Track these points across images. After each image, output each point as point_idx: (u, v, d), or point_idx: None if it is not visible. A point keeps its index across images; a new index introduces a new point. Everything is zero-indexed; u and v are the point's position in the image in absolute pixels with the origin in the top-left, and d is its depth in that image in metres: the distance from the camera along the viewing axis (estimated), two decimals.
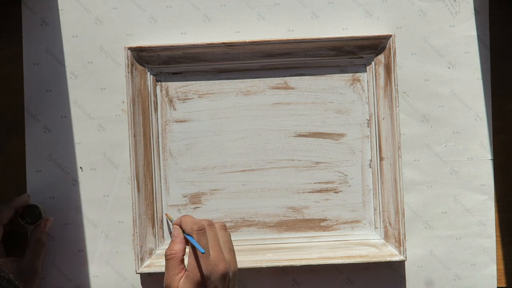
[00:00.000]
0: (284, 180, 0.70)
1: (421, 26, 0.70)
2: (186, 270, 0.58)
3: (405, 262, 0.69)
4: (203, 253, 0.56)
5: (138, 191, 0.67)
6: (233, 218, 0.69)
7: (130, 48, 0.67)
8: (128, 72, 0.67)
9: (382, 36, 0.67)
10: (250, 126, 0.70)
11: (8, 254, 0.66)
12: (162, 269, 0.66)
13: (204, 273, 0.56)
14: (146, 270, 0.67)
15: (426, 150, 0.70)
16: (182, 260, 0.59)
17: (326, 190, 0.70)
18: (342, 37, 0.67)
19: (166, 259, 0.59)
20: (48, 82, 0.69)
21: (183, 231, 0.60)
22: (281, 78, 0.70)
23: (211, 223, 0.60)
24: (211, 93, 0.69)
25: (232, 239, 0.69)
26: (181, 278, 0.58)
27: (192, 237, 0.58)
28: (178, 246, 0.59)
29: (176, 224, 0.62)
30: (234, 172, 0.69)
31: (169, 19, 0.69)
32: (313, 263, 0.67)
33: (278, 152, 0.70)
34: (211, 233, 0.59)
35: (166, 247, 0.68)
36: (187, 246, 0.60)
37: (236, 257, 0.61)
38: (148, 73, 0.69)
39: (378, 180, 0.69)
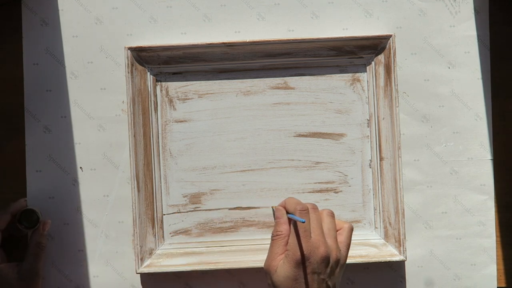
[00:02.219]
0: (284, 180, 0.70)
1: (421, 26, 0.70)
2: (287, 250, 0.57)
3: (405, 262, 0.69)
4: (303, 222, 0.56)
5: (138, 191, 0.67)
6: (233, 218, 0.69)
7: (130, 48, 0.67)
8: (128, 72, 0.67)
9: (382, 36, 0.67)
10: (250, 126, 0.70)
11: (8, 259, 0.66)
12: (162, 269, 0.67)
13: (304, 253, 0.55)
14: (146, 270, 0.67)
15: (426, 150, 0.70)
16: (286, 242, 0.58)
17: (326, 190, 0.70)
18: (342, 37, 0.67)
19: (271, 239, 0.58)
20: (48, 82, 0.69)
21: (287, 212, 0.60)
22: (281, 78, 0.70)
23: (315, 207, 0.60)
24: (211, 93, 0.69)
25: (232, 239, 0.69)
26: (282, 258, 0.57)
27: (295, 216, 0.58)
28: (283, 226, 0.59)
29: (280, 206, 0.61)
30: (234, 172, 0.69)
31: (169, 19, 0.69)
32: None
33: (278, 152, 0.70)
34: (314, 216, 0.58)
35: (166, 247, 0.68)
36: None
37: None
38: (148, 73, 0.69)
39: (378, 180, 0.69)
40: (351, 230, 0.61)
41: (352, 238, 0.69)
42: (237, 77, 0.69)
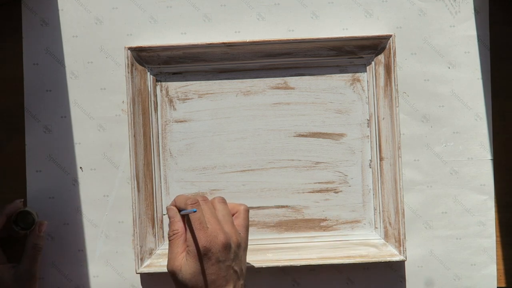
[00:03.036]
0: (284, 180, 0.70)
1: (421, 26, 0.70)
2: (187, 247, 0.57)
3: (405, 262, 0.69)
4: (194, 211, 0.55)
5: (138, 191, 0.67)
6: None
7: (130, 48, 0.67)
8: (128, 72, 0.67)
9: (382, 36, 0.67)
10: (250, 126, 0.70)
11: (7, 260, 0.66)
12: (162, 269, 0.67)
13: (204, 245, 0.55)
14: (146, 270, 0.67)
15: (426, 150, 0.70)
16: (185, 239, 0.57)
17: (326, 190, 0.70)
18: (342, 37, 0.67)
19: (169, 240, 0.58)
20: (48, 82, 0.69)
21: (179, 210, 0.59)
22: (281, 78, 0.70)
23: (205, 198, 0.59)
24: (211, 93, 0.69)
25: None
26: (184, 256, 0.56)
27: (185, 210, 0.57)
28: (178, 224, 0.58)
29: (171, 206, 0.60)
30: (234, 172, 0.69)
31: (169, 19, 0.69)
32: (313, 263, 0.67)
33: (278, 152, 0.70)
34: (206, 206, 0.58)
35: (166, 247, 0.68)
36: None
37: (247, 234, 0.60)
38: (148, 73, 0.69)
39: (378, 180, 0.69)
40: (247, 211, 0.61)
41: (352, 238, 0.69)
42: (237, 77, 0.69)
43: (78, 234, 0.69)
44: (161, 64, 0.68)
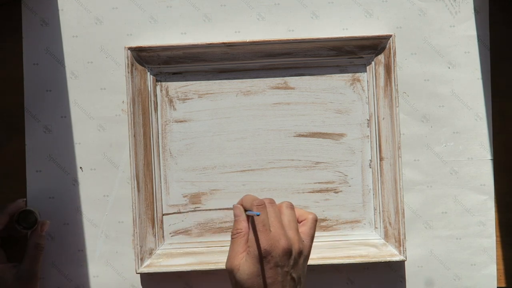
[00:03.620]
0: (284, 180, 0.70)
1: (421, 26, 0.70)
2: (247, 247, 0.56)
3: (405, 262, 0.69)
4: (257, 215, 0.55)
5: (138, 191, 0.67)
6: (233, 218, 0.69)
7: (130, 48, 0.67)
8: (128, 72, 0.67)
9: (382, 36, 0.67)
10: (250, 126, 0.70)
11: (8, 259, 0.66)
12: (162, 269, 0.67)
13: (265, 248, 0.54)
14: (146, 270, 0.67)
15: (426, 150, 0.70)
16: (247, 239, 0.57)
17: (326, 190, 0.70)
18: (342, 37, 0.67)
19: (231, 238, 0.58)
20: (48, 82, 0.69)
21: (245, 210, 0.59)
22: (281, 78, 0.70)
23: (272, 201, 0.59)
24: (211, 93, 0.69)
25: None
26: (243, 256, 0.56)
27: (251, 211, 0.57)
28: (242, 224, 0.58)
29: (237, 205, 0.60)
30: (234, 172, 0.69)
31: (169, 19, 0.69)
32: (313, 263, 0.67)
33: (278, 152, 0.70)
34: (272, 209, 0.58)
35: (166, 247, 0.68)
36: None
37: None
38: (148, 73, 0.69)
39: (378, 180, 0.69)
40: (315, 221, 0.60)
41: (353, 238, 0.69)
42: (237, 77, 0.69)
43: (78, 234, 0.69)
44: (161, 64, 0.68)
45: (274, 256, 0.55)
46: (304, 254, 0.57)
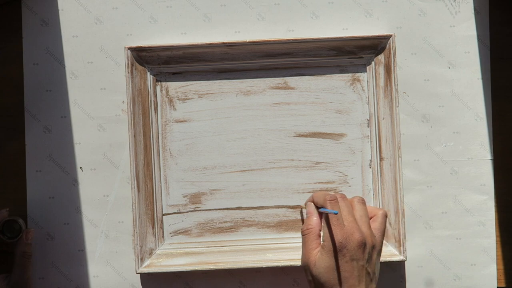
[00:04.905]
0: (284, 180, 0.70)
1: (421, 26, 0.70)
2: (322, 242, 0.57)
3: (405, 262, 0.69)
4: (335, 213, 0.56)
5: (138, 191, 0.67)
6: (233, 218, 0.69)
7: (130, 48, 0.67)
8: (128, 72, 0.67)
9: (382, 36, 0.67)
10: (250, 126, 0.70)
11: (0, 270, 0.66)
12: (162, 269, 0.67)
13: (340, 241, 0.55)
14: (146, 270, 0.67)
15: (426, 150, 0.70)
16: (319, 235, 0.58)
17: (326, 190, 0.70)
18: (342, 37, 0.67)
19: (302, 235, 0.59)
20: (48, 82, 0.69)
21: (316, 207, 0.60)
22: (281, 78, 0.70)
23: (344, 196, 0.60)
24: (211, 93, 0.69)
25: (232, 239, 0.69)
26: (318, 252, 0.57)
27: (324, 207, 0.58)
28: (313, 221, 0.59)
29: (309, 201, 0.62)
30: (234, 172, 0.69)
31: (169, 19, 0.69)
32: None
33: (278, 152, 0.70)
34: (344, 204, 0.59)
35: (166, 247, 0.68)
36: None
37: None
38: (148, 73, 0.69)
39: (378, 180, 0.69)
40: (385, 216, 0.61)
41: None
42: (237, 77, 0.69)
43: (78, 234, 0.69)
44: (161, 64, 0.68)
45: (349, 249, 0.55)
46: (377, 248, 0.58)
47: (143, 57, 0.68)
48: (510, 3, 0.70)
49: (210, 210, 0.69)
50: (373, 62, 0.69)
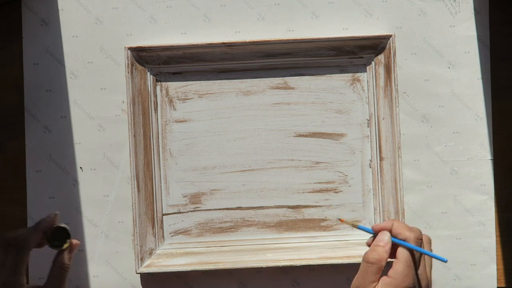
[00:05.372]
0: (284, 180, 0.70)
1: (421, 26, 0.70)
2: (389, 278, 0.53)
3: None
4: (445, 261, 0.53)
5: (138, 191, 0.67)
6: (233, 218, 0.69)
7: (130, 48, 0.67)
8: (128, 72, 0.67)
9: (382, 36, 0.67)
10: (250, 126, 0.70)
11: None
12: (162, 269, 0.67)
13: (408, 286, 0.52)
14: (146, 270, 0.67)
15: (426, 150, 0.70)
16: (381, 269, 0.53)
17: (326, 190, 0.70)
18: (342, 37, 0.67)
19: (366, 262, 0.54)
20: (48, 82, 0.69)
21: (395, 237, 0.54)
22: (281, 78, 0.70)
23: (421, 233, 0.55)
24: (211, 93, 0.69)
25: (232, 239, 0.69)
26: (376, 285, 0.53)
27: (408, 243, 0.53)
28: (383, 253, 0.53)
29: (382, 228, 0.55)
30: (234, 172, 0.69)
31: (169, 19, 0.69)
32: (313, 263, 0.67)
33: (278, 152, 0.70)
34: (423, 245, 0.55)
35: (166, 247, 0.68)
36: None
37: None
38: (148, 73, 0.69)
39: (378, 180, 0.69)
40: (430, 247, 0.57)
41: (352, 238, 0.69)
42: (237, 77, 0.69)
43: (78, 234, 0.69)
44: (161, 64, 0.68)
45: None
46: None
47: (143, 57, 0.68)
48: (510, 3, 0.70)
49: (210, 210, 0.69)
50: (373, 62, 0.69)
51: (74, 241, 0.60)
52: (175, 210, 0.69)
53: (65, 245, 0.59)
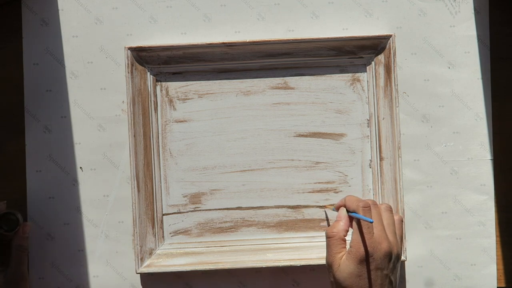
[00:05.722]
0: (284, 180, 0.70)
1: (421, 26, 0.70)
2: (349, 247, 0.57)
3: (405, 262, 0.69)
4: (371, 222, 0.56)
5: (138, 191, 0.67)
6: (233, 218, 0.69)
7: (130, 48, 0.67)
8: (128, 72, 0.67)
9: (382, 36, 0.67)
10: (250, 126, 0.70)
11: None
12: (162, 269, 0.67)
13: (368, 249, 0.56)
14: (146, 270, 0.67)
15: (426, 150, 0.70)
16: (344, 240, 0.59)
17: (326, 190, 0.70)
18: (342, 37, 0.67)
19: (327, 237, 0.59)
20: (48, 82, 0.69)
21: (347, 211, 0.60)
22: (281, 78, 0.70)
23: (375, 203, 0.60)
24: (211, 93, 0.69)
25: (232, 239, 0.69)
26: (342, 256, 0.57)
27: (357, 213, 0.58)
28: (340, 226, 0.59)
29: (341, 206, 0.62)
30: (234, 172, 0.69)
31: (169, 19, 0.69)
32: (313, 263, 0.67)
33: (278, 152, 0.70)
34: (375, 211, 0.59)
35: (166, 247, 0.68)
36: (350, 228, 0.60)
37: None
38: (148, 73, 0.69)
39: (378, 180, 0.69)
40: (401, 221, 0.62)
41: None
42: (237, 77, 0.69)
43: (78, 234, 0.69)
44: (161, 64, 0.68)
45: (376, 258, 0.56)
46: (400, 257, 0.59)
47: (143, 57, 0.68)
48: (510, 3, 0.70)
49: (210, 210, 0.69)
50: (373, 62, 0.69)
51: (25, 223, 0.66)
52: (175, 210, 0.69)
53: (16, 229, 0.65)
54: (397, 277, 0.59)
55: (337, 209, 0.63)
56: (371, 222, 0.56)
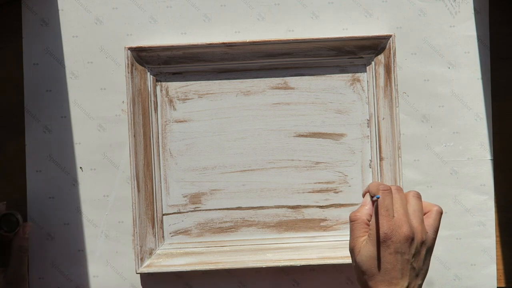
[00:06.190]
0: (284, 180, 0.70)
1: (421, 26, 0.70)
2: (369, 230, 0.57)
3: None
4: (377, 198, 0.56)
5: (138, 191, 0.67)
6: (233, 218, 0.69)
7: (130, 48, 0.67)
8: (128, 72, 0.67)
9: (382, 36, 0.67)
10: (250, 126, 0.70)
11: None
12: (162, 269, 0.67)
13: (385, 232, 0.55)
14: (146, 270, 0.67)
15: (426, 150, 0.70)
16: (367, 224, 0.58)
17: (326, 190, 0.70)
18: (342, 37, 0.67)
19: (350, 221, 0.59)
20: (48, 82, 0.69)
21: (371, 196, 0.59)
22: (281, 78, 0.70)
23: (400, 188, 0.59)
24: (211, 93, 0.69)
25: (232, 239, 0.69)
26: (364, 240, 0.57)
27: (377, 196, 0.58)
28: (364, 210, 0.59)
29: (365, 192, 0.61)
30: (234, 172, 0.69)
31: (169, 19, 0.69)
32: (313, 263, 0.67)
33: (278, 152, 0.70)
34: (398, 196, 0.58)
35: (166, 247, 0.68)
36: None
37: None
38: (148, 73, 0.69)
39: (378, 180, 0.69)
40: (440, 213, 0.59)
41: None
42: (237, 77, 0.69)
43: (78, 234, 0.69)
44: (161, 64, 0.68)
45: (395, 241, 0.55)
46: (427, 245, 0.57)
47: (143, 57, 0.68)
48: (510, 3, 0.70)
49: (210, 210, 0.69)
50: (373, 62, 0.69)
51: (25, 224, 0.66)
52: (175, 210, 0.69)
53: (16, 229, 0.65)
54: (423, 266, 0.57)
55: (363, 195, 0.62)
56: (377, 198, 0.56)
